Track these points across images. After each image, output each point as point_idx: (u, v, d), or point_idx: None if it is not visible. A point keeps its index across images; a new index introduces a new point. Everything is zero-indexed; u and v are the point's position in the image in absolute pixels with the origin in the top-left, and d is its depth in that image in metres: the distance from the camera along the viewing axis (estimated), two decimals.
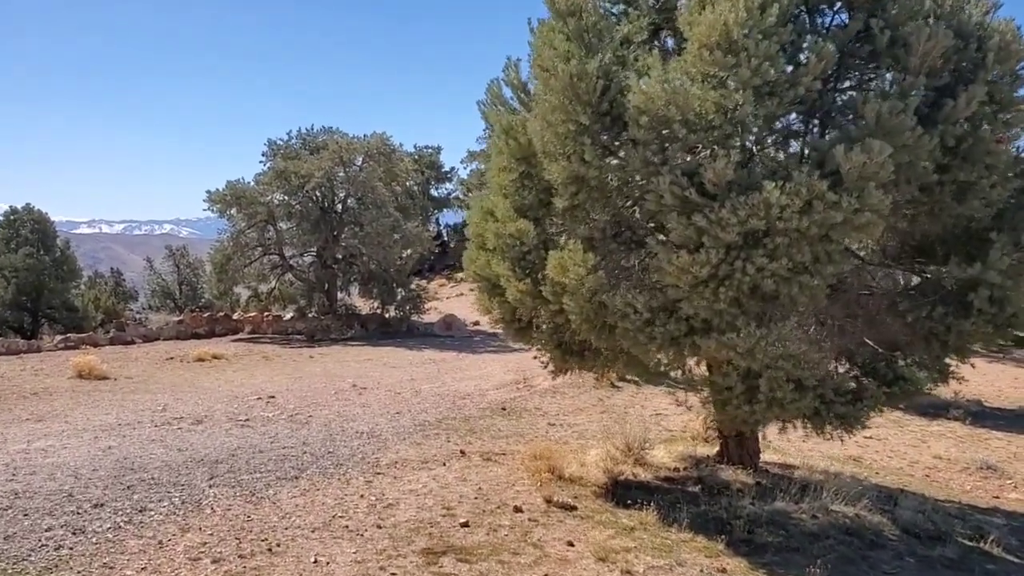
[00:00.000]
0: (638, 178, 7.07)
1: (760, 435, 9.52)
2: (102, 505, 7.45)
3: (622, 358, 8.46)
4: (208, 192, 27.06)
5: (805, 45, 6.64)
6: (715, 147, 6.68)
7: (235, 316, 28.24)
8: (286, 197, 27.94)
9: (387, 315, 28.46)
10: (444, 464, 9.60)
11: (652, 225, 7.45)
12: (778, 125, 6.89)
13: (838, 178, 6.15)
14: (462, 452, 10.26)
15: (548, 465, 8.69)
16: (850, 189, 6.04)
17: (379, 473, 9.08)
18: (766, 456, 10.21)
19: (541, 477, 8.57)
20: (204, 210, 27.36)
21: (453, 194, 52.47)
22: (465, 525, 7.25)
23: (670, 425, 13.59)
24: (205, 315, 27.51)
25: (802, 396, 6.77)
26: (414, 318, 28.73)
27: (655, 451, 9.83)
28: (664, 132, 6.75)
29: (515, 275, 8.16)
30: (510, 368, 19.90)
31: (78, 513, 7.20)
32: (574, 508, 7.82)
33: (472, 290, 11.17)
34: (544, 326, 8.40)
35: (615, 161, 7.18)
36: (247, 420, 12.27)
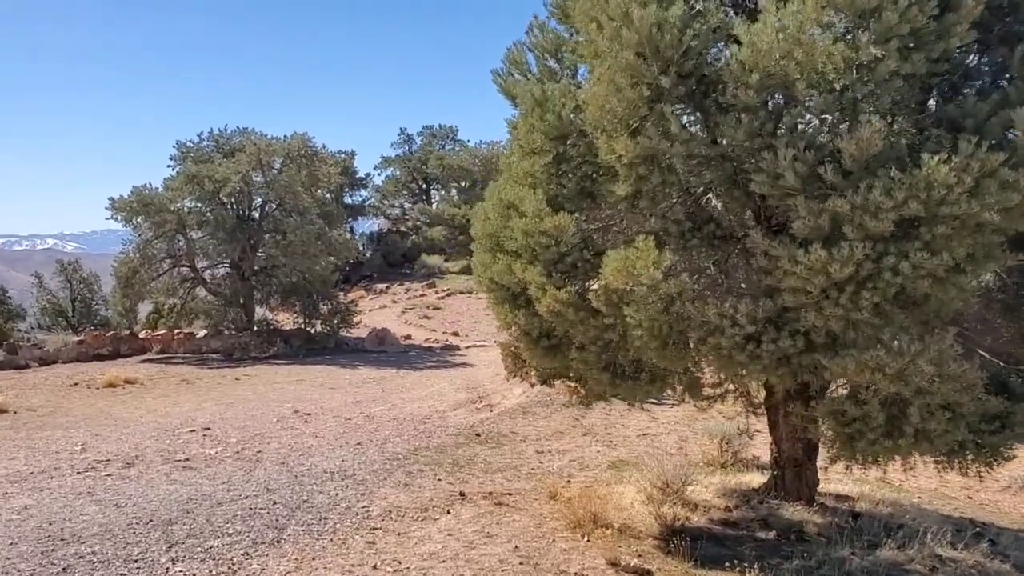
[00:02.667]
0: (734, 155, 5.61)
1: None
2: None
3: (684, 380, 7.00)
4: (111, 199, 24.48)
5: None
6: (840, 113, 5.30)
7: (142, 335, 25.72)
8: (198, 204, 25.55)
9: (312, 330, 26.36)
10: (449, 512, 7.96)
11: (754, 215, 6.01)
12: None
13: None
14: (462, 495, 8.63)
15: (590, 513, 7.14)
16: None
17: (376, 528, 7.38)
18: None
19: (586, 529, 7.02)
20: (107, 218, 24.84)
21: (368, 201, 50.46)
22: None
23: (662, 446, 12.24)
24: (109, 334, 24.85)
25: (955, 426, 5.41)
26: (343, 333, 26.71)
27: (692, 485, 8.38)
28: (776, 95, 5.34)
29: (551, 281, 6.60)
30: (459, 385, 18.36)
31: None
32: (649, 573, 6.28)
33: (479, 296, 9.53)
34: (588, 344, 6.84)
35: (699, 134, 5.71)
36: (187, 460, 10.32)
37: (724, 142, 5.53)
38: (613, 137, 5.84)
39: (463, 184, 49.48)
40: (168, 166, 27.31)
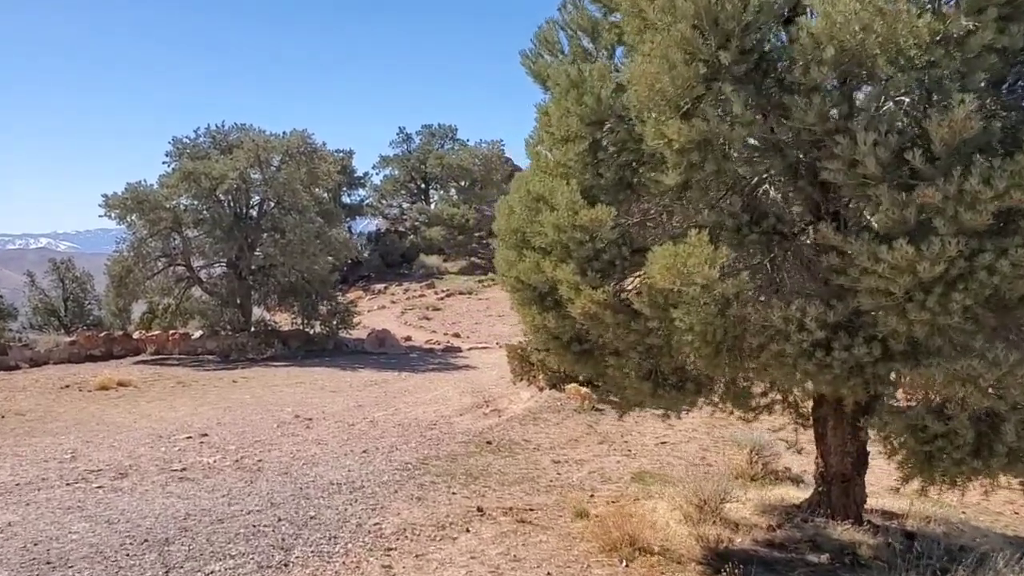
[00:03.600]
0: (802, 139, 5.02)
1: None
2: None
3: (732, 390, 6.42)
4: (105, 196, 23.80)
5: None
6: (924, 92, 4.72)
7: (136, 335, 25.07)
8: (195, 201, 24.89)
9: (311, 331, 25.72)
10: (468, 530, 7.36)
11: (815, 207, 5.42)
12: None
13: None
14: (480, 510, 8.03)
15: (626, 535, 6.54)
16: None
17: (391, 549, 6.78)
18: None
19: (623, 553, 6.42)
20: (100, 216, 24.10)
21: (366, 201, 49.77)
22: None
23: (684, 455, 11.65)
24: (102, 335, 24.17)
25: None
26: (342, 334, 26.08)
27: (729, 502, 7.79)
28: (852, 73, 4.76)
29: (586, 280, 6.00)
30: (463, 389, 17.80)
31: None
32: None
33: (479, 297, 8.93)
34: (627, 350, 6.24)
35: (756, 116, 5.12)
36: (184, 470, 9.72)
37: (791, 125, 4.93)
38: (662, 120, 5.25)
39: (463, 184, 48.91)
40: (164, 162, 26.64)
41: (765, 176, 5.59)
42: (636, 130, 5.72)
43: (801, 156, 5.15)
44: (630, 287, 6.17)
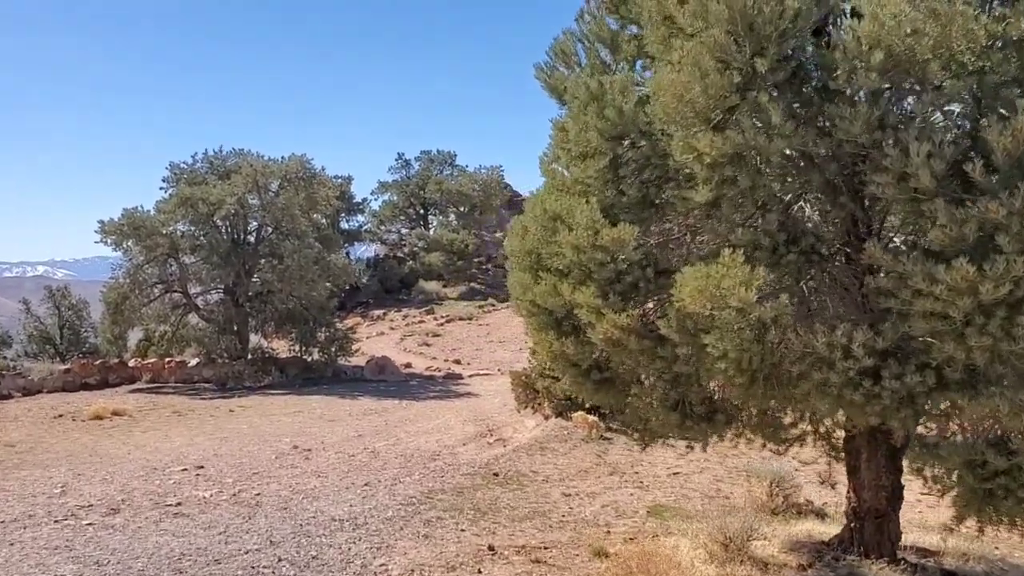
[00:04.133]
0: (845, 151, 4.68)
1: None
2: None
3: (764, 421, 6.04)
4: (101, 222, 23.42)
5: None
6: (978, 100, 4.39)
7: (131, 363, 24.62)
8: (192, 227, 24.51)
9: (309, 359, 25.28)
10: (480, 571, 6.96)
11: (854, 225, 5.06)
12: None
13: None
14: (491, 548, 7.61)
15: None
16: None
17: None
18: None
19: None
20: (96, 242, 23.69)
21: (365, 227, 49.45)
22: None
23: (698, 487, 11.24)
24: (97, 363, 23.72)
25: None
26: (341, 361, 25.63)
27: (755, 540, 7.38)
28: (899, 80, 4.42)
29: (608, 304, 5.63)
30: (466, 417, 17.38)
31: None
32: None
33: (479, 323, 8.55)
34: (652, 379, 5.86)
35: (795, 128, 4.77)
36: (179, 504, 9.29)
37: (833, 138, 4.58)
38: (692, 133, 4.91)
39: (462, 209, 48.62)
40: (160, 188, 26.27)
41: (800, 192, 5.23)
42: (660, 145, 5.39)
43: (842, 170, 4.80)
44: (650, 310, 5.79)
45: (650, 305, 5.89)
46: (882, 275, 4.56)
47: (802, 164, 4.93)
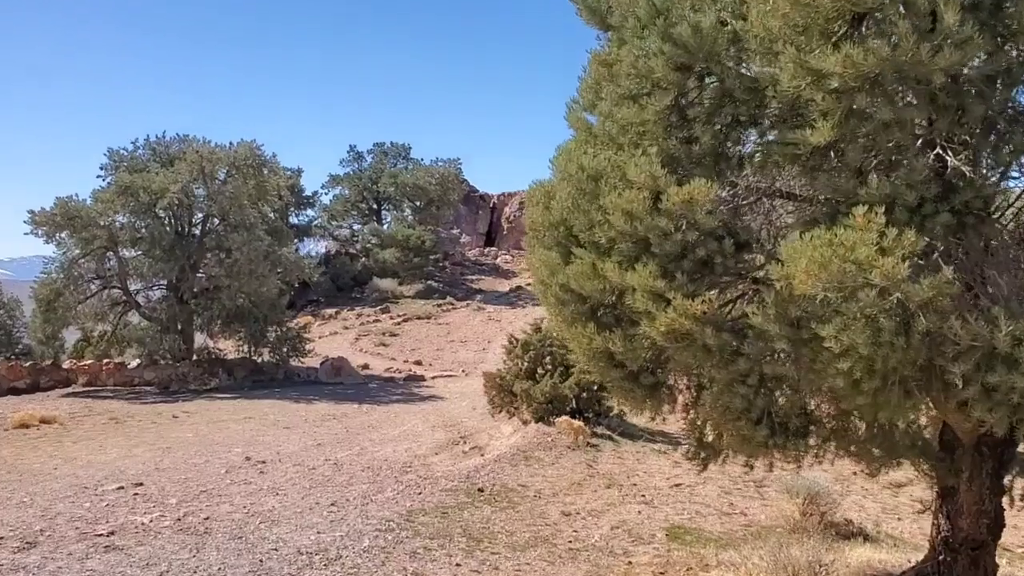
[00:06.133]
0: None
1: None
2: None
3: (881, 436, 4.76)
4: (31, 213, 21.58)
5: None
6: None
7: (66, 365, 22.74)
8: (132, 218, 22.68)
9: (259, 359, 23.61)
10: None
11: None
12: None
13: None
14: None
15: None
16: None
17: None
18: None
19: None
20: (26, 234, 21.81)
21: (315, 222, 47.50)
22: None
23: (706, 500, 9.98)
24: (27, 365, 21.84)
25: None
26: (293, 363, 24.00)
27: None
28: None
29: (673, 287, 4.31)
30: (434, 423, 16.06)
31: None
32: None
33: (438, 322, 7.17)
34: (733, 383, 4.53)
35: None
36: (112, 534, 7.78)
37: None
38: (812, 51, 3.61)
39: (418, 204, 46.99)
40: (98, 176, 24.41)
41: (949, 131, 3.93)
42: (752, 73, 4.07)
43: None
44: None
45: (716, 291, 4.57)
46: None
47: (966, 89, 3.65)
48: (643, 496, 10.05)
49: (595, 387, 14.74)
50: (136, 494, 9.60)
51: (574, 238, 5.02)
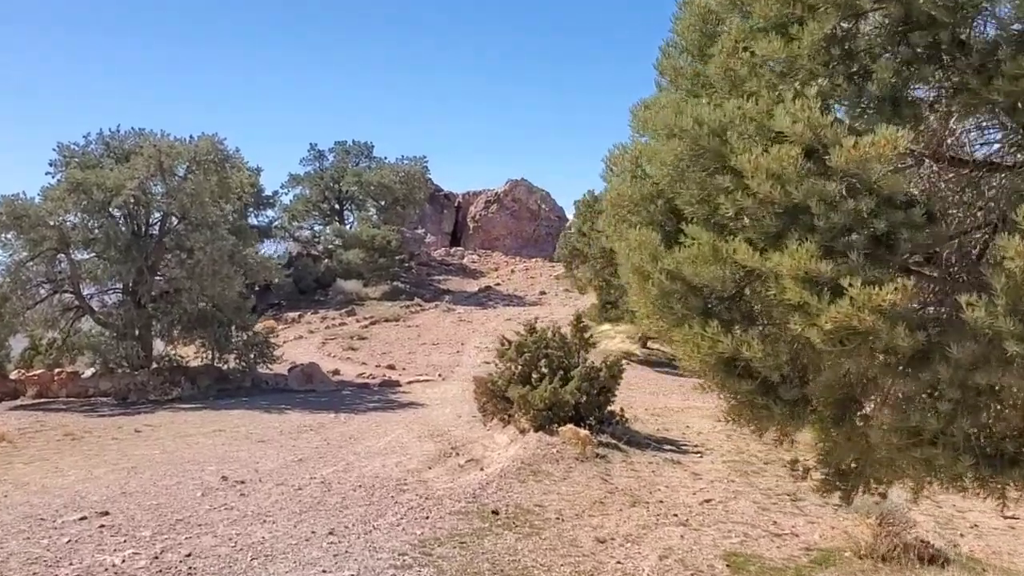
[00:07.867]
0: None
1: None
2: None
3: None
4: None
5: None
6: None
7: (13, 376, 21.21)
8: (85, 217, 21.19)
9: (224, 367, 22.23)
10: None
11: None
12: None
13: None
14: None
15: None
16: None
17: None
18: None
19: None
20: None
21: (275, 222, 45.95)
22: None
23: (747, 518, 9.00)
24: None
25: None
26: (261, 369, 22.64)
27: None
28: None
29: (849, 272, 3.26)
30: (419, 432, 14.95)
31: None
32: None
33: (408, 324, 6.09)
34: (915, 395, 3.49)
35: None
36: None
37: None
38: None
39: (382, 203, 45.67)
40: (47, 173, 22.80)
41: None
42: None
43: None
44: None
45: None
46: None
47: None
48: (676, 515, 9.03)
49: (596, 391, 13.79)
50: (102, 526, 8.34)
51: (675, 213, 3.96)
